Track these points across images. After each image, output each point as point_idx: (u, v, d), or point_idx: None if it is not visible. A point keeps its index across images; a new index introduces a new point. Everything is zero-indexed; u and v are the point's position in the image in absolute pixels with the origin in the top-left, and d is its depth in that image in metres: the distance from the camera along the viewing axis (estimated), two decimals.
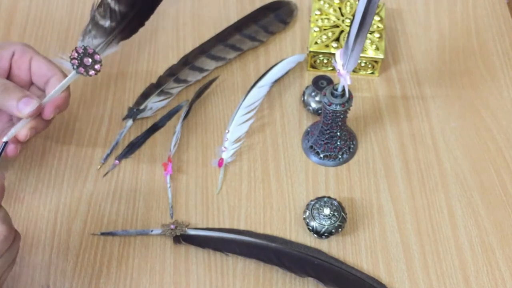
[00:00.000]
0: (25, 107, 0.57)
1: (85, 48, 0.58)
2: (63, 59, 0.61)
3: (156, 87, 0.73)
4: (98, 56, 0.59)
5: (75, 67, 0.59)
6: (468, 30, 0.81)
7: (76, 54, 0.58)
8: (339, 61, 0.58)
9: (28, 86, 0.62)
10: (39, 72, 0.60)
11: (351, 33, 0.56)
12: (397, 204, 0.66)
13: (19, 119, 0.58)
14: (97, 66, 0.59)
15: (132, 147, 0.69)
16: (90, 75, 0.59)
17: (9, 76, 0.61)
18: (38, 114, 0.58)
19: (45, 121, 0.60)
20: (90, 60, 0.59)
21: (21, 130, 0.58)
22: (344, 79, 0.59)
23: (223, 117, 0.73)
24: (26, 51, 0.61)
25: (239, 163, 0.69)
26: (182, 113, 0.71)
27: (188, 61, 0.75)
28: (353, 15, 0.55)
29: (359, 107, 0.73)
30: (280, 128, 0.72)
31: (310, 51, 0.74)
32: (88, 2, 0.83)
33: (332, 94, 0.62)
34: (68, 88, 0.60)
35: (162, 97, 0.73)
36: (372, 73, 0.76)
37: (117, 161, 0.68)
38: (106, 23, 0.59)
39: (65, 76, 0.60)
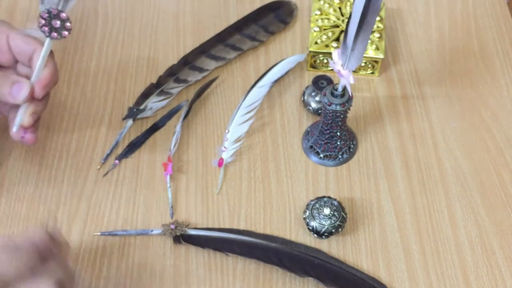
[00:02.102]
0: (18, 93, 0.55)
1: (49, 11, 0.56)
2: (32, 29, 0.58)
3: (156, 87, 0.73)
4: (64, 14, 0.56)
5: (47, 34, 0.56)
6: (468, 30, 0.81)
7: (43, 21, 0.56)
8: (337, 61, 0.58)
9: (15, 64, 0.60)
10: (19, 49, 0.58)
11: (349, 32, 0.55)
12: (397, 204, 0.66)
13: (15, 105, 0.57)
14: (67, 25, 0.57)
15: (132, 147, 0.69)
16: (64, 37, 0.57)
17: None
18: (31, 95, 0.56)
19: (41, 102, 0.59)
20: (58, 21, 0.56)
21: (24, 118, 0.57)
22: (346, 79, 0.59)
23: (223, 117, 0.73)
24: (0, 31, 0.58)
25: (239, 163, 0.69)
26: (182, 113, 0.71)
27: (188, 61, 0.75)
28: (350, 14, 0.55)
29: (359, 107, 0.73)
30: (280, 128, 0.72)
31: (310, 51, 0.74)
32: (88, 2, 0.83)
33: (332, 94, 0.62)
34: (52, 60, 0.58)
35: (162, 97, 0.73)
36: (372, 73, 0.76)
37: (117, 161, 0.68)
38: None
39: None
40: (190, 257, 0.62)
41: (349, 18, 0.55)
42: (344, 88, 0.61)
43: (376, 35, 0.75)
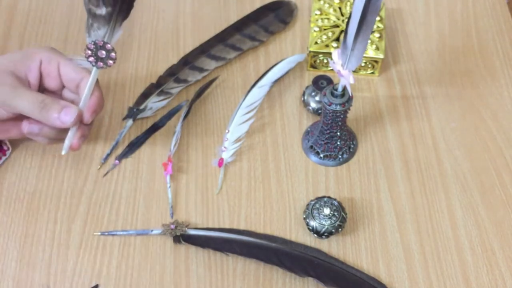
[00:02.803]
0: (66, 118, 0.58)
1: (95, 43, 0.60)
2: (80, 59, 0.61)
3: (156, 87, 0.73)
4: (109, 45, 0.60)
5: (93, 64, 0.60)
6: (468, 30, 0.81)
7: (89, 52, 0.60)
8: (337, 61, 0.58)
9: (61, 89, 0.63)
10: (68, 77, 0.61)
11: (349, 32, 0.55)
12: (397, 204, 0.66)
13: (65, 129, 0.60)
14: (112, 55, 0.60)
15: (132, 147, 0.69)
16: (110, 66, 0.60)
17: (41, 84, 0.62)
18: (79, 120, 0.59)
19: (88, 126, 0.62)
20: (104, 52, 0.60)
21: (73, 141, 0.60)
22: (346, 78, 0.58)
23: (223, 117, 0.73)
24: (52, 58, 0.61)
25: (239, 163, 0.69)
26: (182, 113, 0.71)
27: (188, 61, 0.75)
28: (350, 13, 0.55)
29: (359, 107, 0.73)
30: (280, 128, 0.72)
31: (310, 51, 0.74)
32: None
33: (332, 94, 0.62)
34: (98, 87, 0.61)
35: (162, 97, 0.73)
36: (372, 73, 0.76)
37: (117, 161, 0.68)
38: (103, 10, 0.60)
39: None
40: (190, 257, 0.62)
41: (349, 18, 0.55)
42: (344, 88, 0.61)
43: (376, 35, 0.75)
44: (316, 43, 0.74)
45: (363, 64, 0.75)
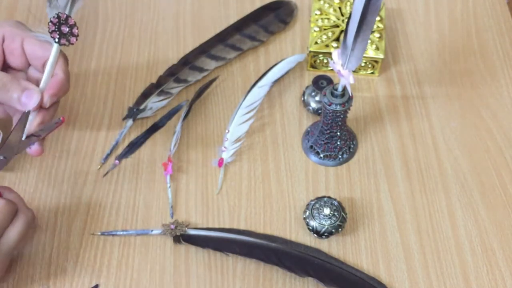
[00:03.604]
0: (28, 101, 0.54)
1: (58, 16, 0.55)
2: (40, 33, 0.57)
3: (156, 87, 0.73)
4: (72, 20, 0.55)
5: (56, 40, 0.55)
6: (468, 30, 0.81)
7: (53, 26, 0.54)
8: (337, 61, 0.58)
9: (27, 68, 0.59)
10: (34, 55, 0.57)
11: (349, 31, 0.55)
12: (397, 204, 0.66)
13: (17, 110, 0.56)
14: (75, 31, 0.55)
15: (132, 147, 0.69)
16: (72, 43, 0.56)
17: (4, 62, 0.58)
18: (40, 103, 0.55)
19: (49, 111, 0.57)
20: (66, 28, 0.55)
21: (31, 127, 0.56)
22: (346, 78, 0.58)
23: (223, 117, 0.73)
24: (16, 33, 0.57)
25: (239, 163, 0.69)
26: (182, 113, 0.71)
27: (188, 61, 0.75)
28: (350, 13, 0.55)
29: (359, 107, 0.73)
30: (280, 128, 0.72)
31: (310, 51, 0.74)
32: (88, 2, 0.83)
33: (332, 94, 0.62)
34: (63, 68, 0.57)
35: (162, 97, 0.73)
36: (372, 73, 0.76)
37: (117, 161, 0.68)
38: None
39: (64, 55, 0.58)
40: (190, 257, 0.62)
41: (349, 18, 0.55)
42: (344, 88, 0.61)
43: (376, 35, 0.75)
44: (316, 43, 0.74)
45: (363, 64, 0.75)
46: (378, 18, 0.76)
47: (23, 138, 0.55)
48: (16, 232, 0.55)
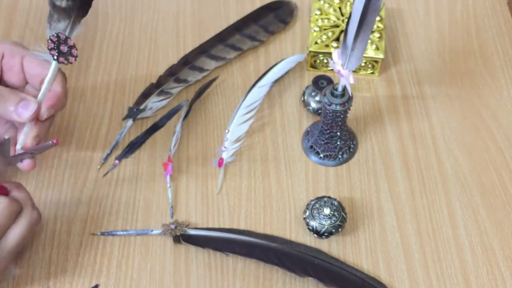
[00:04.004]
0: (24, 111, 0.55)
1: (58, 36, 0.56)
2: (39, 51, 0.58)
3: (156, 87, 0.73)
4: (71, 41, 0.57)
5: (55, 57, 0.57)
6: (468, 30, 0.81)
7: (52, 44, 0.56)
8: (337, 61, 0.58)
9: (23, 86, 0.60)
10: (32, 72, 0.58)
11: (349, 31, 0.55)
12: (397, 204, 0.66)
13: (21, 124, 0.57)
14: (74, 51, 0.57)
15: (132, 147, 0.69)
16: (71, 63, 0.57)
17: (1, 79, 0.59)
18: (36, 115, 0.56)
19: (45, 124, 0.58)
20: (66, 47, 0.57)
21: (27, 140, 0.57)
22: (346, 78, 0.58)
23: (223, 117, 0.73)
24: (16, 51, 0.58)
25: (239, 163, 0.69)
26: (182, 113, 0.71)
27: (188, 61, 0.75)
28: (350, 13, 0.55)
29: (359, 107, 0.73)
30: (280, 128, 0.72)
31: (310, 51, 0.74)
32: None
33: (332, 94, 0.62)
34: (62, 83, 0.58)
35: (162, 97, 0.73)
36: (372, 73, 0.76)
37: (117, 161, 0.68)
38: (62, 2, 0.57)
39: (62, 73, 0.59)
40: (190, 257, 0.62)
41: (349, 18, 0.55)
42: (344, 88, 0.61)
43: (376, 35, 0.75)
44: (316, 43, 0.74)
45: (363, 64, 0.75)
46: (378, 18, 0.76)
47: (18, 147, 0.56)
48: (17, 233, 0.55)
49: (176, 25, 0.81)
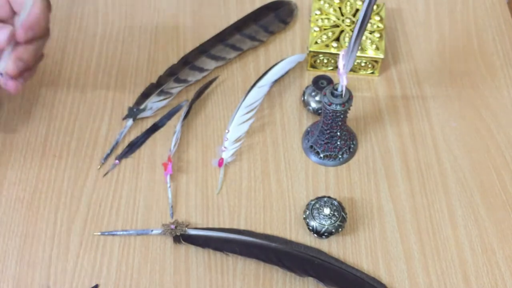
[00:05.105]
0: None
1: None
2: None
3: (156, 87, 0.73)
4: None
5: None
6: (468, 30, 0.81)
7: None
8: (341, 62, 0.58)
9: (12, 17, 0.59)
10: (17, 0, 0.57)
11: (358, 34, 0.56)
12: (397, 204, 0.66)
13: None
14: None
15: (132, 147, 0.69)
16: None
17: None
18: (11, 39, 0.55)
19: (28, 49, 0.57)
20: None
21: (8, 63, 0.56)
22: (341, 79, 0.59)
23: (223, 117, 0.73)
24: None
25: (239, 163, 0.69)
26: (182, 113, 0.71)
27: (188, 61, 0.75)
28: (360, 17, 0.55)
29: (359, 107, 0.73)
30: (280, 128, 0.72)
31: (310, 51, 0.74)
32: (88, 2, 0.83)
33: (332, 94, 0.62)
34: (39, 6, 0.56)
35: (162, 97, 0.73)
36: (372, 73, 0.76)
37: (117, 161, 0.68)
38: None
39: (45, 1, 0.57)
40: (190, 257, 0.62)
41: (357, 22, 0.55)
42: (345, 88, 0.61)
43: (376, 35, 0.75)
44: (316, 43, 0.74)
45: (363, 64, 0.75)
46: (378, 18, 0.76)
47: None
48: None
49: (176, 25, 0.81)
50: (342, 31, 0.75)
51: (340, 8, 0.77)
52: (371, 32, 0.75)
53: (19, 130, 0.71)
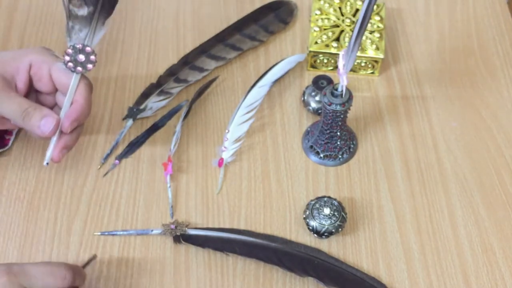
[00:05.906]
0: (45, 127, 0.57)
1: (74, 47, 0.58)
2: (63, 62, 0.59)
3: (156, 87, 0.73)
4: (89, 48, 0.59)
5: (72, 69, 0.58)
6: (468, 30, 0.81)
7: (68, 57, 0.58)
8: (341, 62, 0.59)
9: (54, 92, 0.61)
10: (60, 81, 0.59)
11: (355, 34, 0.56)
12: (397, 204, 0.66)
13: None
14: (92, 58, 0.59)
15: (132, 147, 0.69)
16: (89, 70, 0.59)
17: (31, 88, 0.60)
18: (58, 129, 0.58)
19: (71, 136, 0.60)
20: (83, 56, 0.58)
21: (54, 153, 0.58)
22: (341, 79, 0.59)
23: (223, 117, 0.73)
24: (43, 61, 0.59)
25: (239, 163, 0.69)
26: (182, 113, 0.71)
27: (188, 61, 0.75)
28: (361, 17, 0.55)
29: (359, 107, 0.73)
30: (280, 128, 0.72)
31: (310, 51, 0.74)
32: None
33: (332, 94, 0.62)
34: (84, 94, 0.59)
35: (162, 97, 0.73)
36: (372, 73, 0.76)
37: (117, 161, 0.68)
38: (84, 11, 0.58)
39: (86, 81, 0.60)
40: (190, 257, 0.62)
41: (357, 22, 0.55)
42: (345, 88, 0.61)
43: (376, 35, 0.75)
44: (316, 43, 0.74)
45: (363, 64, 0.75)
46: (378, 18, 0.76)
47: (45, 164, 0.58)
48: None
49: (176, 25, 0.81)
50: (342, 31, 0.75)
51: (340, 8, 0.77)
52: (371, 32, 0.75)
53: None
